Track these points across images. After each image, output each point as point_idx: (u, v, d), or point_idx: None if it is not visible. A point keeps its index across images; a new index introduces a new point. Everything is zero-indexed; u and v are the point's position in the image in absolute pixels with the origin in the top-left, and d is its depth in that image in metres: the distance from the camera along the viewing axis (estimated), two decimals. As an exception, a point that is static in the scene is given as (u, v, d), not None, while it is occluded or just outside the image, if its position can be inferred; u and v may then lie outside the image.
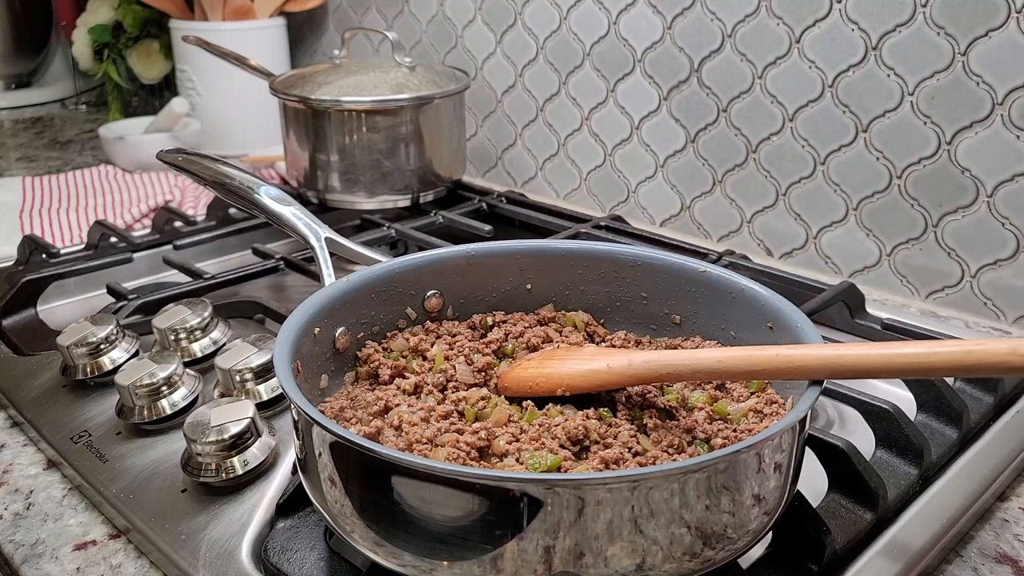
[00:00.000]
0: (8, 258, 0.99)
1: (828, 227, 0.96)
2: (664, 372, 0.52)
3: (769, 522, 0.47)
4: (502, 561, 0.42)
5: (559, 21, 1.14)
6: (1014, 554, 0.56)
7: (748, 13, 0.95)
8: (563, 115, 1.18)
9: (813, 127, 0.94)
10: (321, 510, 0.48)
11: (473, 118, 1.29)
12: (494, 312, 0.66)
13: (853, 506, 0.55)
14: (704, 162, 1.05)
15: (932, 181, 0.87)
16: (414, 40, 1.34)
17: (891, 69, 0.87)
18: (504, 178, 1.29)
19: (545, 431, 0.52)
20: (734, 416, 0.55)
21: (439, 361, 0.60)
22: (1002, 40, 0.79)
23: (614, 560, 0.42)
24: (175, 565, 0.54)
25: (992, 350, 0.43)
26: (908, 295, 0.92)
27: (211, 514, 0.57)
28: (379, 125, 1.05)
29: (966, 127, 0.83)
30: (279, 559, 0.52)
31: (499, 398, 0.57)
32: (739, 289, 0.60)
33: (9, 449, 0.68)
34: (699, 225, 1.08)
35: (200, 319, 0.74)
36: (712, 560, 0.44)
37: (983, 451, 0.63)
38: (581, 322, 0.65)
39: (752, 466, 0.44)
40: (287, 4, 1.46)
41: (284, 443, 0.62)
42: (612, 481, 0.41)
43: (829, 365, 0.47)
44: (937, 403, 0.65)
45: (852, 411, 0.63)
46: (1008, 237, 0.84)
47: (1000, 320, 0.86)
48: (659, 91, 1.06)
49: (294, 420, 0.50)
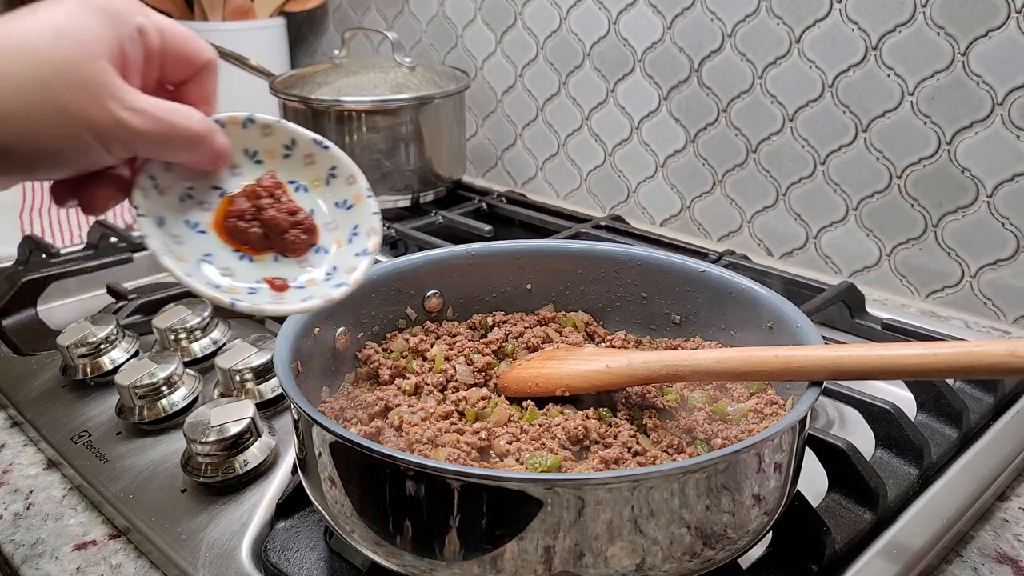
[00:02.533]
0: (8, 258, 0.99)
1: (828, 227, 0.96)
2: (663, 373, 0.52)
3: (769, 522, 0.47)
4: (502, 561, 0.42)
5: (559, 21, 1.14)
6: (1014, 554, 0.56)
7: (748, 13, 0.95)
8: (563, 115, 1.18)
9: (813, 127, 0.94)
10: (321, 510, 0.48)
11: (473, 118, 1.29)
12: (494, 312, 0.66)
13: (853, 506, 0.55)
14: (704, 162, 1.05)
15: (932, 181, 0.87)
16: (414, 40, 1.34)
17: (891, 69, 0.87)
18: (504, 178, 1.29)
19: (545, 431, 0.52)
20: (734, 416, 0.55)
21: (439, 361, 0.60)
22: (1002, 40, 0.79)
23: (614, 560, 0.42)
24: (175, 565, 0.54)
25: (991, 351, 0.43)
26: (908, 295, 0.92)
27: (211, 514, 0.57)
28: (379, 125, 1.05)
29: (966, 127, 0.83)
30: (279, 559, 0.52)
31: (499, 398, 0.57)
32: (739, 289, 0.60)
33: (9, 449, 0.68)
34: (699, 225, 1.08)
35: (200, 319, 0.74)
36: (712, 560, 0.44)
37: (983, 451, 0.63)
38: (581, 322, 0.65)
39: (752, 466, 0.44)
40: (287, 4, 1.46)
41: (284, 443, 0.62)
42: (612, 481, 0.41)
43: (828, 366, 0.47)
44: (937, 403, 0.65)
45: (852, 411, 0.63)
46: (1008, 237, 0.84)
47: (1000, 320, 0.86)
48: (659, 91, 1.06)
49: (294, 420, 0.50)
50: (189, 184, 0.48)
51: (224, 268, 0.48)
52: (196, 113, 0.45)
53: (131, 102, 0.42)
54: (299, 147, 0.49)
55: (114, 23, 0.43)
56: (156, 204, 0.47)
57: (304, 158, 0.49)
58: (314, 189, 0.50)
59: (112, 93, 0.42)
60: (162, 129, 0.43)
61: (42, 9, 0.42)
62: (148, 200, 0.47)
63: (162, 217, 0.47)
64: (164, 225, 0.47)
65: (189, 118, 0.45)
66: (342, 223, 0.50)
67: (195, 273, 0.46)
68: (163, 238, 0.47)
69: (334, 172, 0.49)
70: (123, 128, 0.42)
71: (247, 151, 0.49)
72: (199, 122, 0.45)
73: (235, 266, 0.48)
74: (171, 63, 0.46)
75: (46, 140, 0.41)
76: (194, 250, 0.48)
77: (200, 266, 0.47)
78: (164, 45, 0.45)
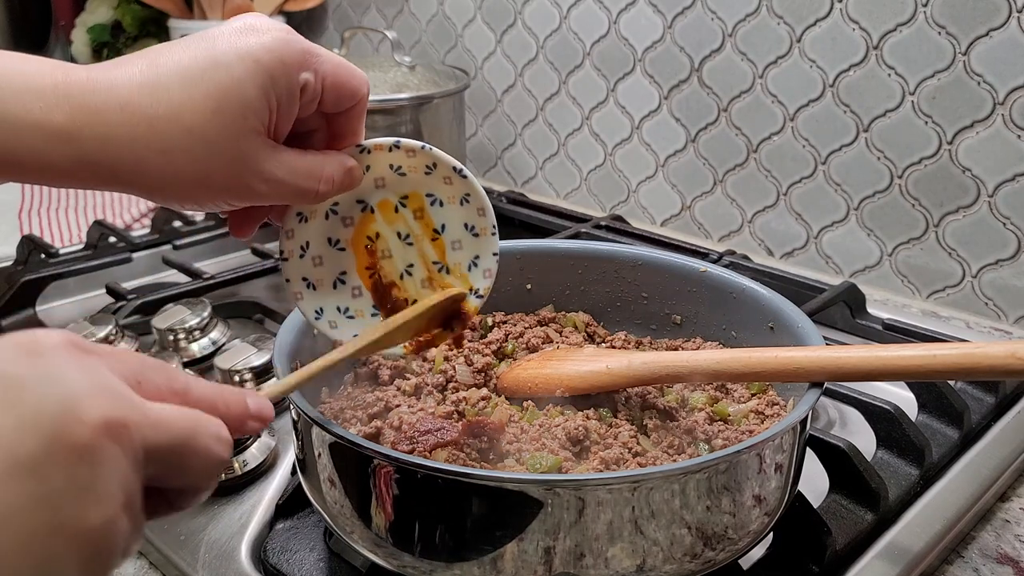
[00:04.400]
0: (7, 258, 0.99)
1: (829, 227, 0.96)
2: (663, 373, 0.52)
3: (770, 523, 0.47)
4: (502, 562, 0.42)
5: (559, 20, 1.14)
6: (1015, 554, 0.55)
7: (749, 12, 0.95)
8: (563, 115, 1.18)
9: (814, 127, 0.94)
10: (321, 511, 0.48)
11: (473, 118, 1.29)
12: (494, 312, 0.66)
13: (854, 507, 0.55)
14: (705, 162, 1.05)
15: (933, 181, 0.87)
16: (414, 39, 1.34)
17: (892, 68, 0.86)
18: (504, 178, 1.28)
19: (545, 431, 0.51)
20: (735, 417, 0.55)
21: (439, 362, 0.60)
22: (1003, 39, 0.79)
23: (614, 561, 0.42)
24: (174, 566, 0.53)
25: (991, 353, 0.43)
26: (909, 295, 0.92)
27: (210, 515, 0.57)
28: (378, 124, 1.05)
29: (967, 127, 0.83)
30: (278, 560, 0.52)
31: (499, 398, 0.57)
32: (740, 289, 0.60)
33: (8, 449, 0.68)
34: (700, 225, 1.08)
35: (199, 319, 0.74)
36: (713, 561, 0.44)
37: (984, 451, 0.63)
38: (581, 323, 0.65)
39: (753, 467, 0.44)
40: (287, 3, 1.46)
41: (284, 443, 0.62)
42: (612, 482, 0.41)
43: (827, 367, 0.47)
44: (938, 403, 0.64)
45: (853, 411, 0.63)
46: (1009, 237, 0.83)
47: (1001, 320, 0.86)
48: (659, 91, 1.06)
49: (294, 420, 0.50)
50: (335, 201, 0.51)
51: (355, 288, 0.52)
52: (329, 168, 0.46)
53: (270, 173, 0.44)
54: (439, 169, 0.50)
55: (276, 85, 0.42)
56: (303, 233, 0.51)
57: (443, 179, 0.50)
58: (449, 205, 0.51)
59: (254, 168, 0.43)
60: (292, 192, 0.45)
61: (210, 69, 0.42)
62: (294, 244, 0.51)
63: (307, 242, 0.51)
64: (308, 249, 0.51)
65: (319, 181, 0.46)
66: (466, 247, 0.52)
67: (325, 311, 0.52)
68: (304, 271, 0.51)
69: (467, 198, 0.51)
70: (255, 195, 0.44)
71: (392, 166, 0.50)
72: (326, 183, 0.46)
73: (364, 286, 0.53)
74: (329, 103, 0.46)
75: (186, 195, 0.44)
76: (333, 270, 0.52)
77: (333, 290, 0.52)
78: (325, 90, 0.45)
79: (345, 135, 0.48)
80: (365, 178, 0.50)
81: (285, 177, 0.44)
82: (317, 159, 0.46)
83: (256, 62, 0.42)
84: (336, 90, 0.45)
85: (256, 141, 0.43)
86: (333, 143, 0.48)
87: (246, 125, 0.42)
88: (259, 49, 0.42)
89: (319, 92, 0.45)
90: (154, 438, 0.31)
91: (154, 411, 0.32)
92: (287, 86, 0.43)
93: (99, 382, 0.30)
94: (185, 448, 0.33)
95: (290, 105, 0.44)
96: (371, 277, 0.52)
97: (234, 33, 0.43)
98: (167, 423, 0.32)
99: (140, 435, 0.30)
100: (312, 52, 0.44)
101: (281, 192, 0.45)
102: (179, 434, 0.32)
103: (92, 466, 0.28)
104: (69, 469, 0.28)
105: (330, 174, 0.46)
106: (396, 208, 0.51)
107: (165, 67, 0.42)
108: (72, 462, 0.28)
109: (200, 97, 0.41)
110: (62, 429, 0.28)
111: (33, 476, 0.27)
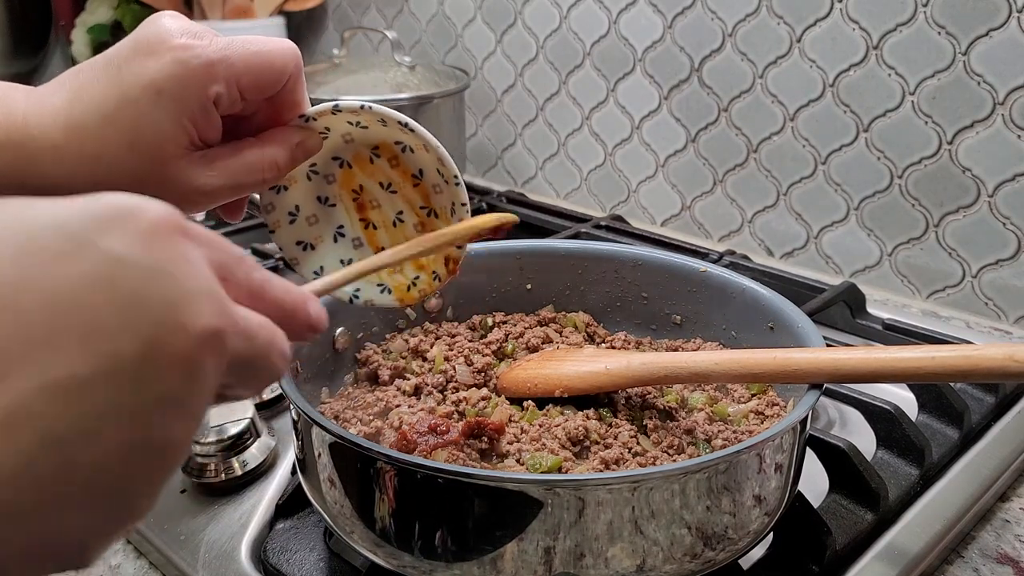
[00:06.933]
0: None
1: (829, 227, 0.96)
2: (662, 374, 0.52)
3: (770, 523, 0.47)
4: (502, 562, 0.42)
5: (559, 20, 1.14)
6: (1015, 555, 0.55)
7: (749, 12, 0.95)
8: (563, 115, 1.18)
9: (814, 126, 0.94)
10: (321, 511, 0.48)
11: (473, 118, 1.29)
12: (494, 312, 0.66)
13: (854, 507, 0.55)
14: (705, 162, 1.05)
15: (933, 181, 0.87)
16: (414, 39, 1.34)
17: (892, 68, 0.86)
18: (504, 178, 1.28)
19: (546, 431, 0.51)
20: (734, 417, 0.55)
21: (439, 362, 0.60)
22: (1003, 39, 0.79)
23: (614, 561, 0.42)
24: (174, 566, 0.53)
25: (990, 355, 0.43)
26: (909, 295, 0.92)
27: (210, 515, 0.57)
28: (379, 125, 1.05)
29: (967, 127, 0.83)
30: (278, 560, 0.52)
31: (499, 398, 0.57)
32: (740, 289, 0.60)
33: (8, 449, 0.68)
34: (700, 225, 1.08)
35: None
36: (713, 561, 0.44)
37: (984, 451, 0.63)
38: (581, 323, 0.65)
39: (753, 467, 0.44)
40: (286, 3, 1.46)
41: (284, 444, 0.62)
42: (613, 482, 0.41)
43: (826, 369, 0.47)
44: (938, 403, 0.64)
45: (853, 411, 0.63)
46: (1009, 237, 0.83)
47: (1001, 320, 0.86)
48: (659, 91, 1.06)
49: (294, 421, 0.50)
50: (312, 163, 0.51)
51: (356, 239, 0.53)
52: (269, 154, 0.47)
53: (205, 185, 0.44)
54: (391, 123, 0.49)
55: (186, 109, 0.42)
56: (288, 200, 0.52)
57: (399, 129, 0.49)
58: (419, 152, 0.51)
59: (188, 186, 0.44)
60: (238, 189, 0.46)
61: (121, 106, 0.42)
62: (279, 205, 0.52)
63: (296, 205, 0.52)
64: (300, 211, 0.52)
65: (262, 170, 0.46)
66: (445, 193, 0.51)
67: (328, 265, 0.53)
68: (297, 234, 0.52)
69: (427, 147, 0.50)
70: (202, 206, 0.45)
71: (351, 123, 0.50)
72: (269, 169, 0.47)
73: (364, 236, 0.54)
74: (254, 95, 0.45)
75: None
76: (330, 226, 0.53)
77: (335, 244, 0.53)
78: (244, 88, 0.44)
79: (286, 108, 0.48)
80: (332, 136, 0.50)
81: (225, 182, 0.45)
82: (254, 151, 0.46)
83: (159, 93, 0.42)
84: (256, 82, 0.45)
85: (180, 164, 0.43)
86: (277, 118, 0.48)
87: (165, 154, 0.43)
88: (159, 77, 0.42)
89: (237, 95, 0.44)
90: (240, 350, 0.29)
91: (243, 320, 0.29)
92: (198, 106, 0.43)
93: (203, 282, 0.27)
94: (259, 361, 0.31)
95: (207, 119, 0.44)
96: (367, 228, 0.53)
97: (134, 57, 0.42)
98: (252, 335, 0.30)
99: (231, 346, 0.28)
100: (216, 62, 0.43)
101: (227, 194, 0.45)
102: (259, 348, 0.30)
103: (188, 381, 0.26)
104: (166, 383, 0.26)
105: (271, 160, 0.46)
106: (371, 159, 0.52)
107: (82, 104, 0.43)
108: (171, 374, 0.26)
109: (115, 135, 0.42)
110: (165, 336, 0.25)
111: (130, 385, 0.25)
